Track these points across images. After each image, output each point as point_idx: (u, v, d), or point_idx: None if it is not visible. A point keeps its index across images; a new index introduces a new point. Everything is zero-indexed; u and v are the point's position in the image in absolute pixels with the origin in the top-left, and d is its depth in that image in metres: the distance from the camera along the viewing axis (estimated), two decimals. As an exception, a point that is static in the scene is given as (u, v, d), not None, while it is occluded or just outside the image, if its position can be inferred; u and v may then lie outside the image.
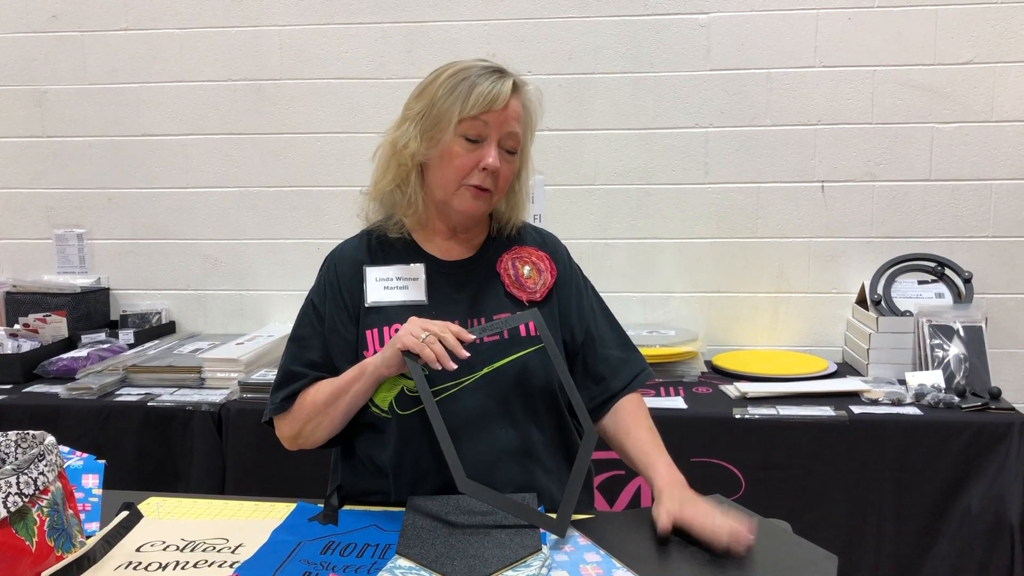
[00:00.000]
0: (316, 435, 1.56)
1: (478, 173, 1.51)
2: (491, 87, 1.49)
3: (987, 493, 2.26)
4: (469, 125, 1.50)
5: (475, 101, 1.48)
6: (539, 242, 1.70)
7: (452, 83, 1.51)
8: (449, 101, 1.50)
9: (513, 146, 1.54)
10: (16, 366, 2.71)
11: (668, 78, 2.92)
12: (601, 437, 1.63)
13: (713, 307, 3.01)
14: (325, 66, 3.04)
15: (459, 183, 1.53)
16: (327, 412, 1.52)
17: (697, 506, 1.34)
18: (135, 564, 1.25)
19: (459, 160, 1.51)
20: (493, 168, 1.50)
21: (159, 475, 2.49)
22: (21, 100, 3.17)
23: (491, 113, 1.49)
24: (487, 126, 1.50)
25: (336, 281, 1.60)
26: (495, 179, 1.53)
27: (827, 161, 2.90)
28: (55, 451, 1.21)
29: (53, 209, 3.22)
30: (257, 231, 3.16)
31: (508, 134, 1.52)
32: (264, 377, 2.56)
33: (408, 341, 1.38)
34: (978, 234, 2.86)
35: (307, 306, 1.64)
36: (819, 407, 2.38)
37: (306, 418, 1.55)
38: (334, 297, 1.60)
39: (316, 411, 1.53)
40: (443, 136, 1.51)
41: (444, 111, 1.50)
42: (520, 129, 1.54)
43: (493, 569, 1.20)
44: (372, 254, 1.62)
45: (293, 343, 1.62)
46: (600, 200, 3.01)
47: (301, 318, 1.63)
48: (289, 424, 1.58)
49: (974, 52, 2.79)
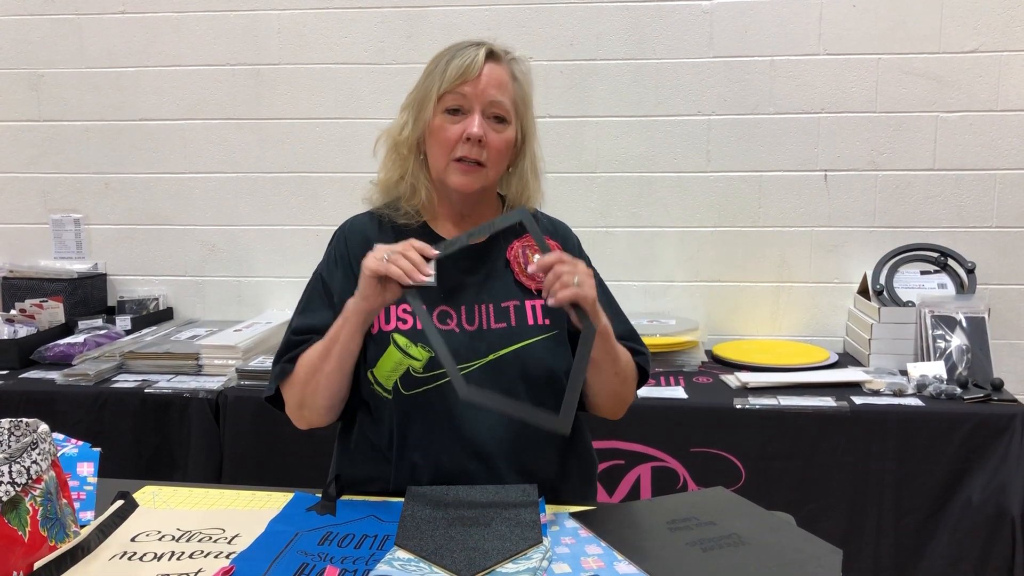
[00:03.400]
0: (318, 400, 1.51)
1: (463, 144, 1.51)
2: (464, 59, 1.50)
3: (988, 485, 2.25)
4: (450, 99, 1.51)
5: (451, 74, 1.50)
6: (550, 231, 1.68)
7: (434, 63, 1.55)
8: (431, 79, 1.53)
9: (499, 114, 1.53)
10: (12, 352, 2.69)
11: (670, 65, 2.90)
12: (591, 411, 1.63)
13: (714, 296, 3.00)
14: (324, 51, 3.02)
15: (448, 158, 1.53)
16: (323, 368, 1.48)
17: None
18: (130, 554, 1.24)
19: (444, 134, 1.52)
20: (476, 136, 1.49)
21: (156, 462, 2.48)
22: (17, 84, 3.14)
23: (468, 83, 1.50)
24: (466, 97, 1.51)
25: (347, 254, 1.59)
26: (483, 149, 1.52)
27: (830, 150, 2.88)
28: (49, 439, 1.19)
29: (49, 194, 3.20)
30: (255, 217, 3.14)
31: (490, 102, 1.51)
32: (262, 364, 2.54)
33: (373, 265, 1.38)
34: (982, 224, 2.85)
35: (315, 280, 1.62)
36: (820, 397, 2.37)
37: (304, 379, 1.51)
38: (344, 270, 1.58)
39: (313, 369, 1.49)
40: (426, 115, 1.53)
41: (427, 90, 1.53)
42: (503, 97, 1.53)
43: (493, 561, 1.18)
44: (383, 232, 1.61)
45: (299, 315, 1.59)
46: (601, 188, 2.99)
47: (309, 291, 1.61)
48: (291, 392, 1.54)
49: (980, 40, 2.77)
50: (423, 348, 1.49)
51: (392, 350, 1.50)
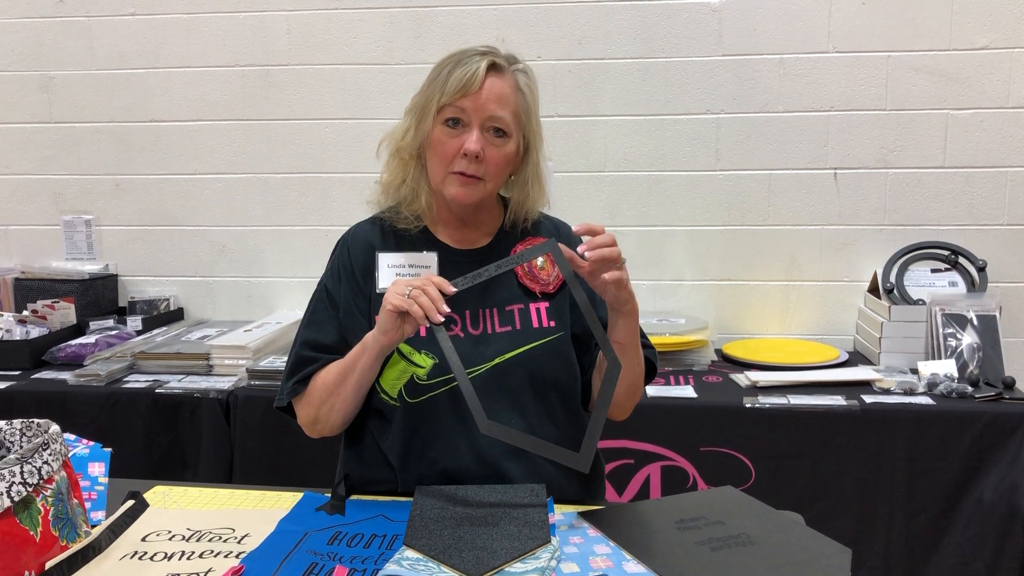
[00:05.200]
0: (333, 418, 1.54)
1: (460, 159, 1.50)
2: (465, 71, 1.48)
3: (1000, 483, 2.24)
4: (449, 111, 1.49)
5: (451, 86, 1.48)
6: (552, 232, 1.68)
7: (437, 70, 1.52)
8: (432, 88, 1.51)
9: (499, 127, 1.51)
10: (24, 352, 2.71)
11: (679, 64, 2.89)
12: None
13: (724, 295, 2.99)
14: (333, 51, 3.02)
15: (446, 170, 1.52)
16: (338, 392, 1.51)
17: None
18: (141, 554, 1.24)
19: (442, 147, 1.51)
20: (473, 152, 1.48)
21: (167, 462, 2.49)
22: (28, 86, 3.16)
23: (467, 98, 1.48)
24: (465, 111, 1.49)
25: (350, 264, 1.59)
26: (481, 164, 1.50)
27: (840, 148, 2.86)
28: (60, 440, 1.20)
29: (61, 195, 3.22)
30: (265, 218, 3.14)
31: (489, 117, 1.49)
32: (272, 364, 2.55)
33: (396, 301, 1.37)
34: (993, 222, 2.83)
35: (320, 291, 1.62)
36: (830, 396, 2.36)
37: (319, 401, 1.53)
38: (349, 281, 1.58)
39: (328, 392, 1.52)
40: (426, 124, 1.51)
41: (428, 99, 1.51)
42: (503, 112, 1.50)
43: (502, 561, 1.19)
44: (385, 239, 1.61)
45: (306, 328, 1.60)
46: (610, 187, 2.98)
47: (314, 303, 1.62)
48: (305, 409, 1.57)
49: (990, 37, 2.75)
50: (427, 355, 1.50)
51: (396, 358, 1.51)
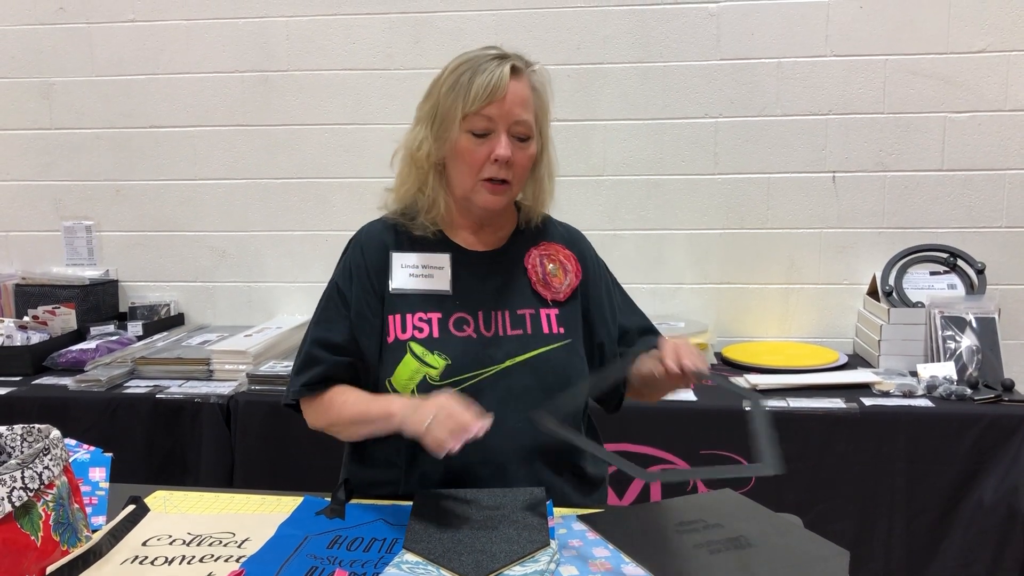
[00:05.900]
0: (344, 436, 1.58)
1: (491, 165, 1.50)
2: (488, 78, 1.47)
3: (1000, 486, 2.24)
4: (474, 120, 1.48)
5: (475, 95, 1.47)
6: (566, 238, 1.69)
7: (453, 79, 1.50)
8: (451, 98, 1.49)
9: (523, 132, 1.52)
10: (25, 358, 2.71)
11: (677, 68, 2.90)
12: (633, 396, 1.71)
13: (723, 299, 3.00)
14: (332, 57, 3.03)
15: (475, 179, 1.52)
16: (350, 429, 1.54)
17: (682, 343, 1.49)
18: (141, 558, 1.25)
19: (471, 156, 1.50)
20: (505, 158, 1.49)
21: (167, 467, 2.49)
22: (29, 92, 3.17)
23: (493, 105, 1.47)
24: (492, 119, 1.48)
25: (363, 264, 1.58)
26: (510, 169, 1.51)
27: (838, 151, 2.87)
28: (60, 445, 1.21)
29: (61, 201, 3.22)
30: (265, 223, 3.15)
31: (515, 122, 1.50)
32: (272, 369, 2.55)
33: (449, 445, 1.30)
34: (991, 224, 2.84)
35: (331, 289, 1.61)
36: (830, 399, 2.36)
37: (331, 421, 1.56)
38: (361, 280, 1.57)
39: (340, 422, 1.54)
40: (451, 134, 1.50)
41: (448, 109, 1.50)
42: (527, 115, 1.51)
43: (501, 564, 1.19)
44: (399, 240, 1.61)
45: (316, 326, 1.60)
46: (609, 191, 2.99)
47: (325, 301, 1.61)
48: (314, 416, 1.58)
49: (987, 40, 2.76)
50: (439, 356, 1.50)
51: (409, 359, 1.51)
